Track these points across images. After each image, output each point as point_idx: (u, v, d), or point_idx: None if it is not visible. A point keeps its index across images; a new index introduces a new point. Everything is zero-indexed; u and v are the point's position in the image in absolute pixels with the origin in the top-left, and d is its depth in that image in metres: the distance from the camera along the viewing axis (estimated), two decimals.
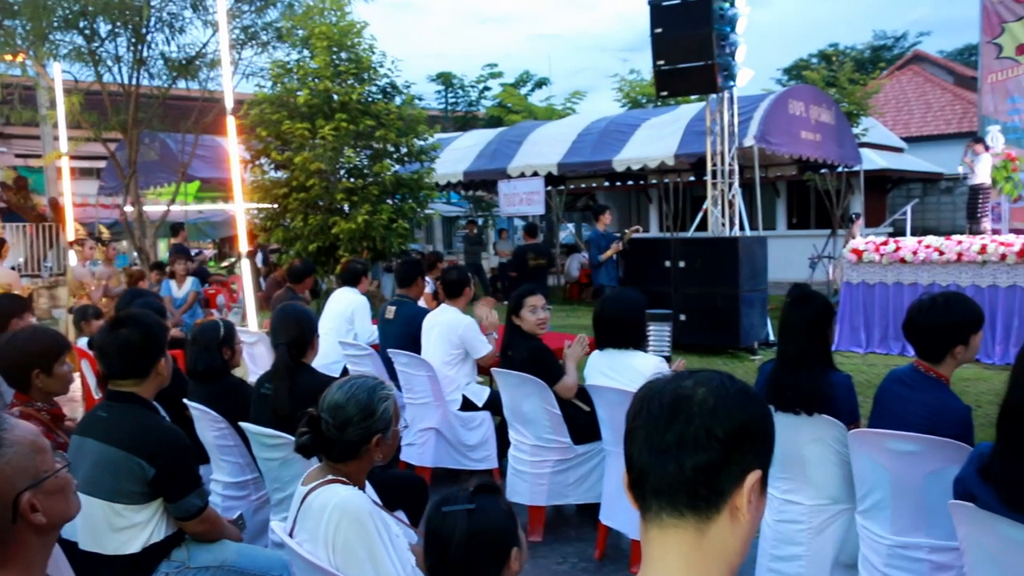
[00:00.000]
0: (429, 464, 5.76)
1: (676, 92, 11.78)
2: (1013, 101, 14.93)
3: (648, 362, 4.24)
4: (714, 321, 10.40)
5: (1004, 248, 9.56)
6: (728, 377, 1.31)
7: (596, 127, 15.89)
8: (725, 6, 11.04)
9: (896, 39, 42.23)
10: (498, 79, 30.59)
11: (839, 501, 3.58)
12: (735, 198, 11.65)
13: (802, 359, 3.59)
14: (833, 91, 18.25)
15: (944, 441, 3.05)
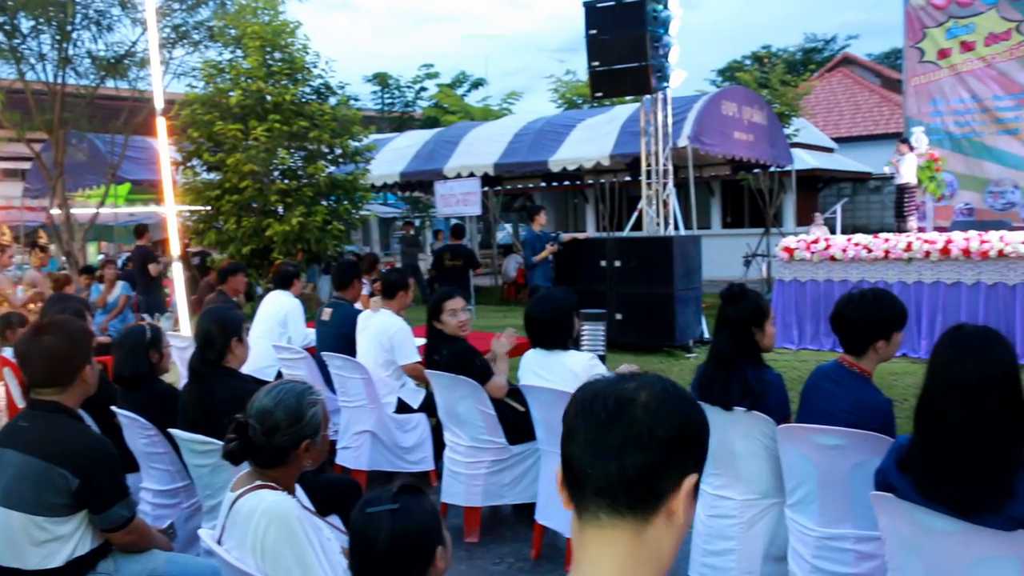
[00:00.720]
0: (365, 467, 5.72)
1: (611, 93, 11.88)
2: (935, 104, 15.33)
3: (580, 360, 4.27)
4: (649, 320, 10.51)
5: (928, 246, 9.82)
6: (669, 382, 1.32)
7: (532, 128, 15.93)
8: (658, 8, 11.16)
9: (826, 42, 43.07)
10: (434, 79, 30.50)
11: (769, 495, 3.64)
12: (669, 198, 11.79)
13: (734, 356, 3.65)
14: (765, 92, 18.55)
15: (867, 434, 3.12)
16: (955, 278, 9.73)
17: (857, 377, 3.36)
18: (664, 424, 1.25)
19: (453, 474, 4.98)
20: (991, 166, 14.93)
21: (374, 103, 31.01)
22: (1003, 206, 14.87)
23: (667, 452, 1.24)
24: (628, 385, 1.29)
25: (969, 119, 15.18)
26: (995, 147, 14.88)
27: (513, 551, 4.78)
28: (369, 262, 9.82)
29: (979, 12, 14.88)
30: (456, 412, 4.91)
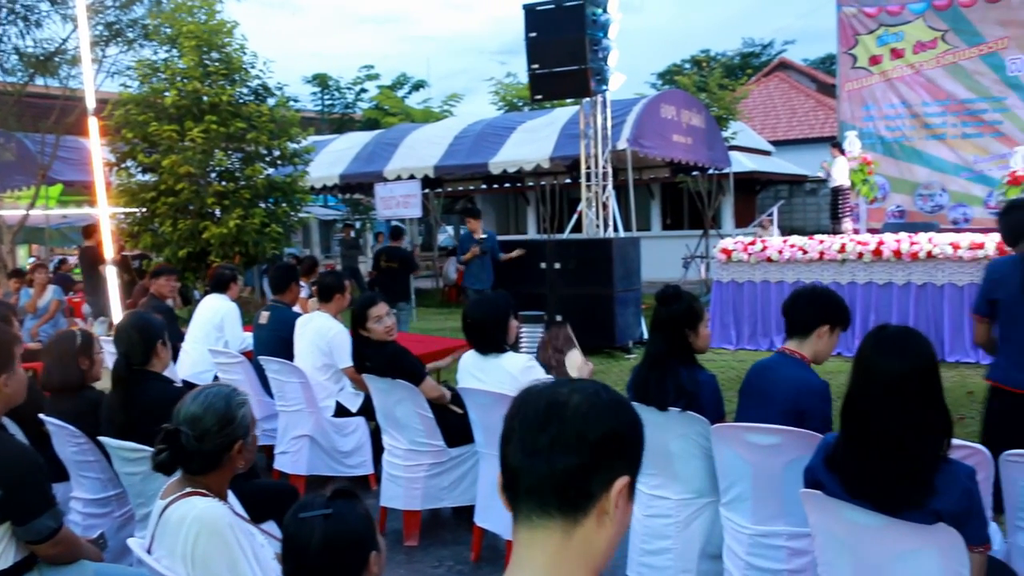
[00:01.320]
0: (303, 472, 5.67)
1: (550, 96, 11.92)
2: (867, 108, 15.66)
3: (517, 363, 4.28)
4: (589, 321, 10.54)
5: (861, 247, 10.04)
6: (603, 387, 1.33)
7: (472, 130, 15.94)
8: (598, 12, 11.23)
9: (763, 47, 43.83)
10: (375, 81, 30.33)
11: (704, 495, 3.69)
12: (609, 200, 11.87)
13: (668, 357, 3.70)
14: (704, 96, 18.80)
15: (800, 432, 3.18)
16: (887, 279, 9.95)
17: (796, 361, 3.46)
18: (594, 427, 1.26)
19: (392, 478, 4.96)
20: (920, 170, 15.30)
21: (314, 104, 30.75)
22: (932, 208, 15.24)
23: (596, 454, 1.25)
24: (562, 389, 1.31)
25: (899, 124, 15.54)
26: (924, 151, 15.25)
27: (453, 554, 4.78)
28: (308, 265, 9.72)
29: (907, 21, 15.24)
30: (394, 415, 4.88)
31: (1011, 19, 14.39)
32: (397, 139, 16.96)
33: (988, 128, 14.77)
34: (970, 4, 14.69)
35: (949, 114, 15.11)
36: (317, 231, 28.87)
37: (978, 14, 14.64)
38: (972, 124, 14.93)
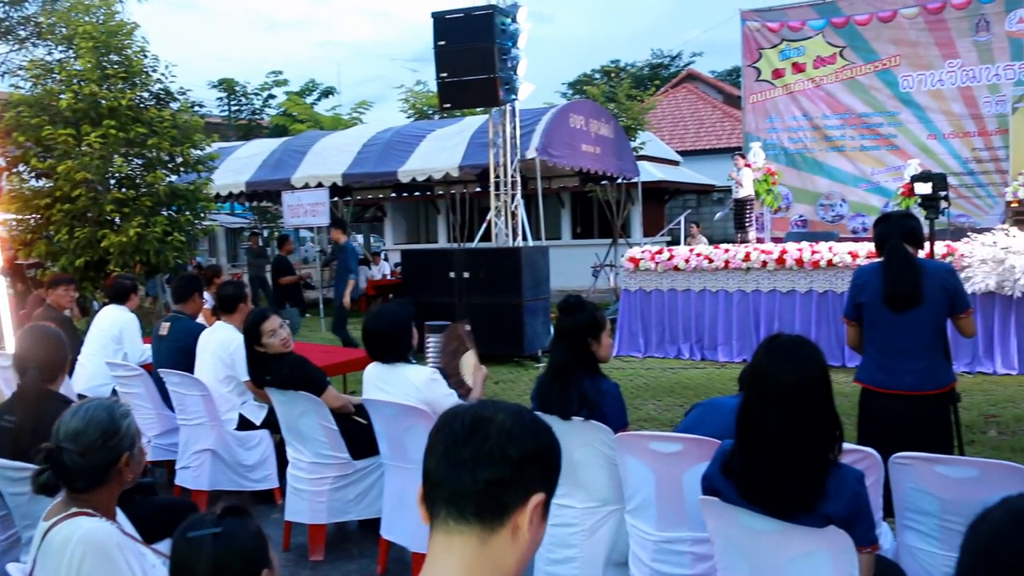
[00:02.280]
0: (206, 487, 5.53)
1: (459, 104, 11.93)
2: (771, 120, 16.10)
3: (421, 374, 4.25)
4: (499, 330, 10.57)
5: (765, 256, 10.29)
6: (527, 410, 1.42)
7: (381, 138, 15.84)
8: (507, 21, 11.29)
9: (672, 58, 44.65)
10: (283, 87, 29.89)
11: (609, 503, 3.71)
12: (518, 209, 11.92)
13: (571, 367, 3.72)
14: (613, 106, 19.04)
15: (701, 439, 3.22)
16: (790, 286, 10.21)
17: None
18: (516, 444, 1.33)
19: (296, 491, 4.87)
20: (822, 180, 15.78)
21: (220, 110, 30.16)
22: (832, 218, 15.73)
23: (516, 470, 1.32)
24: (488, 408, 1.39)
25: (802, 136, 16.01)
26: (825, 163, 15.75)
27: (359, 567, 4.71)
28: (210, 274, 9.51)
29: (808, 36, 15.74)
30: (298, 428, 4.80)
31: (902, 38, 14.99)
32: (305, 146, 16.75)
33: (884, 141, 15.33)
34: (865, 23, 15.24)
35: (848, 127, 15.63)
36: (224, 239, 28.32)
37: (872, 32, 15.21)
38: (869, 137, 15.48)
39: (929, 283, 4.01)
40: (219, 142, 18.35)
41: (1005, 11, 14.25)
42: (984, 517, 1.22)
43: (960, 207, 14.66)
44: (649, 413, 7.94)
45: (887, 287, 4.05)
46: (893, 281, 4.05)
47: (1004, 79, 14.32)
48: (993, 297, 9.28)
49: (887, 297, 4.04)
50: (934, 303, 4.04)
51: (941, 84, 14.81)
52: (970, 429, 7.05)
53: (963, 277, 9.16)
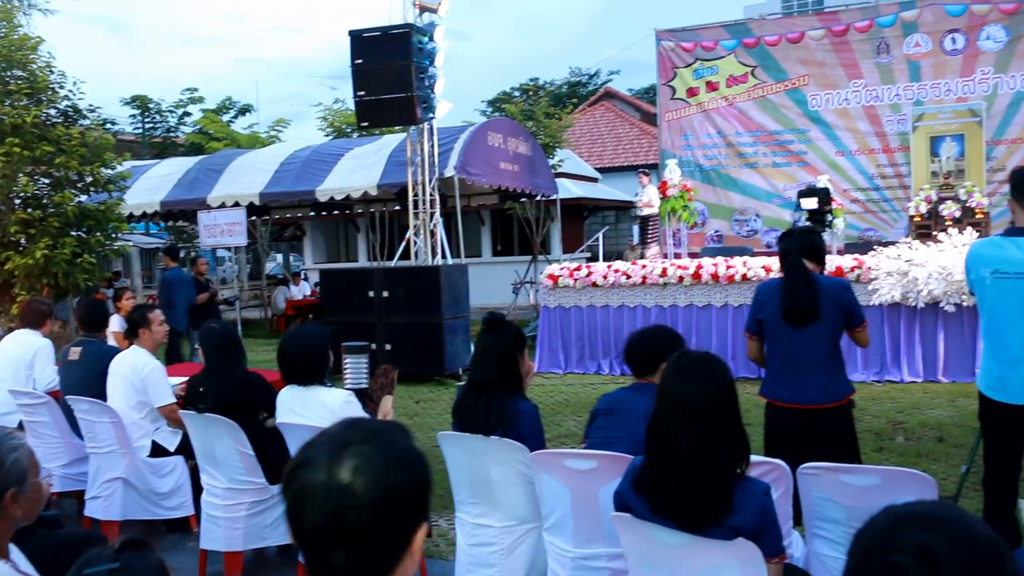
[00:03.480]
0: (117, 517, 5.37)
1: (377, 123, 11.91)
2: (687, 138, 16.40)
3: (337, 397, 4.22)
4: (419, 349, 10.55)
5: (681, 271, 10.47)
6: (386, 444, 1.34)
7: (299, 156, 15.69)
8: (424, 40, 11.32)
9: (590, 76, 45.16)
10: (199, 104, 29.37)
11: (527, 521, 3.72)
12: (437, 227, 11.92)
13: (493, 384, 3.73)
14: (531, 124, 19.19)
15: (616, 456, 3.26)
16: (706, 301, 10.41)
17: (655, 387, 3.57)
18: (373, 496, 1.28)
19: (212, 518, 4.77)
20: (736, 196, 16.11)
21: (133, 127, 29.51)
22: (747, 233, 16.06)
23: (382, 518, 1.28)
24: (342, 472, 1.29)
25: (716, 153, 16.32)
26: (739, 179, 16.08)
27: None
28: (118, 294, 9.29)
29: (721, 56, 16.09)
30: (213, 453, 4.71)
31: (810, 59, 15.44)
32: (221, 165, 16.48)
33: (795, 158, 15.72)
34: (775, 43, 15.65)
35: (760, 144, 15.99)
36: (139, 260, 27.67)
37: (782, 53, 15.63)
38: (781, 154, 15.86)
39: (825, 299, 4.14)
40: (132, 161, 17.94)
41: (903, 35, 14.82)
42: (869, 523, 1.28)
43: (868, 221, 15.15)
44: (570, 429, 7.99)
45: (785, 302, 4.16)
46: (791, 297, 4.16)
47: (904, 99, 14.86)
48: (899, 308, 9.60)
49: (785, 312, 4.16)
50: (830, 318, 4.17)
51: (847, 103, 15.29)
52: (879, 436, 7.28)
53: (870, 289, 9.50)
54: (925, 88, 14.77)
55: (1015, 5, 14.20)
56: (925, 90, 14.77)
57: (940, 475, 6.01)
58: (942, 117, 14.15)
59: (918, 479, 3.09)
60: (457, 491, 3.89)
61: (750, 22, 16.73)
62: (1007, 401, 3.91)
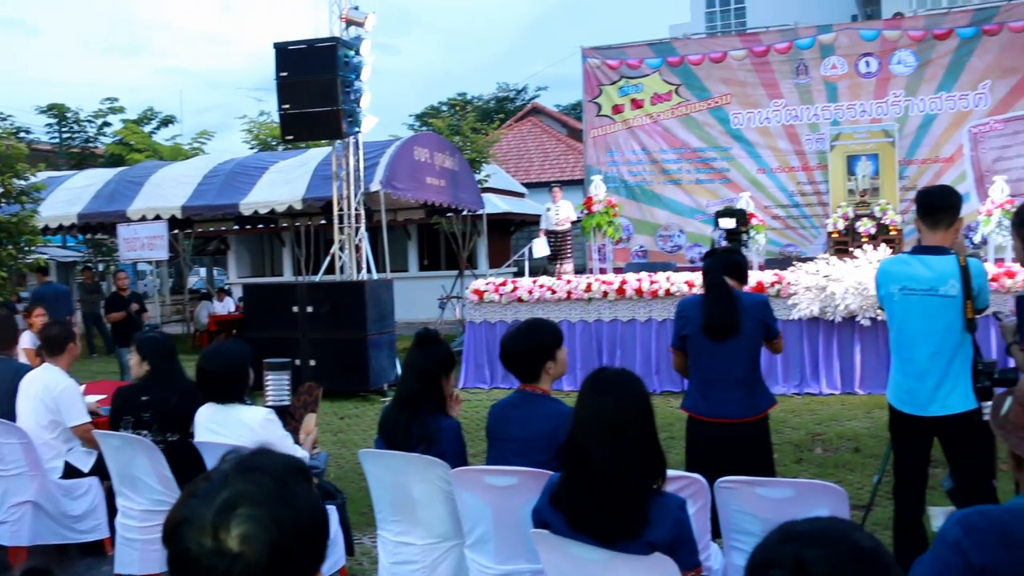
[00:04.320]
0: (25, 543, 5.19)
1: (302, 137, 11.80)
2: (612, 154, 16.58)
3: (256, 415, 4.16)
4: (344, 365, 10.47)
5: (606, 286, 10.57)
6: (279, 506, 1.25)
7: (223, 169, 15.45)
8: (350, 54, 11.28)
9: (518, 92, 45.36)
10: (119, 114, 28.62)
11: (449, 538, 3.71)
12: (362, 242, 11.85)
13: (419, 400, 3.74)
14: (458, 139, 19.22)
15: (536, 472, 3.27)
16: (630, 316, 10.53)
17: (540, 397, 3.59)
18: (259, 556, 1.20)
19: (127, 541, 4.65)
20: (660, 212, 16.34)
21: (50, 137, 28.68)
22: (671, 248, 16.29)
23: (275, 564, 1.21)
24: (222, 537, 1.21)
25: (640, 169, 16.53)
26: (663, 195, 16.31)
27: None
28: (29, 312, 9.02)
29: (646, 74, 16.33)
30: (130, 474, 4.59)
31: (732, 78, 15.78)
32: (142, 177, 16.13)
33: (717, 175, 16.02)
34: (698, 63, 15.96)
35: (684, 161, 16.25)
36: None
37: (705, 72, 15.94)
38: (704, 171, 16.14)
39: (745, 315, 4.24)
40: (48, 171, 17.48)
41: (821, 57, 15.26)
42: (763, 538, 1.32)
43: (788, 237, 15.50)
44: None
45: (706, 318, 4.25)
46: (711, 312, 4.25)
47: (822, 119, 15.29)
48: (817, 322, 9.84)
49: (706, 327, 4.24)
50: (750, 333, 4.27)
51: (768, 122, 15.65)
52: (799, 448, 7.44)
53: (789, 304, 9.72)
54: (842, 109, 15.22)
55: (923, 33, 14.78)
56: (842, 111, 15.22)
57: (856, 485, 6.17)
58: (858, 137, 14.60)
59: (830, 491, 3.18)
60: (379, 509, 3.86)
61: (674, 41, 17.02)
62: (914, 413, 4.03)
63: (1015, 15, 14.37)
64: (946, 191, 4.20)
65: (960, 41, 14.58)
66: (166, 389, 4.74)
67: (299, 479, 1.31)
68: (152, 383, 4.78)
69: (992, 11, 14.74)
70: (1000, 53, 14.39)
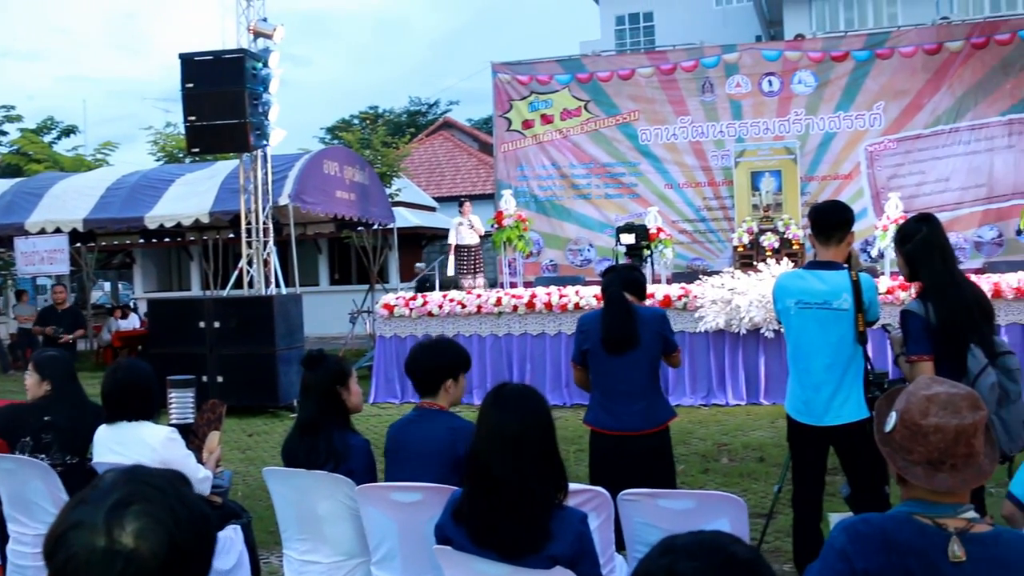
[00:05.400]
0: None
1: (208, 149, 11.62)
2: (522, 169, 16.71)
3: (158, 434, 4.07)
4: (252, 381, 10.32)
5: (516, 300, 10.64)
6: (171, 503, 1.23)
7: (127, 181, 15.05)
8: (258, 66, 11.15)
9: (429, 106, 45.34)
10: (17, 123, 27.63)
11: (355, 555, 3.69)
12: (271, 256, 11.70)
13: (320, 420, 3.72)
14: (368, 152, 19.12)
15: (440, 488, 3.28)
16: (539, 329, 10.62)
17: (438, 412, 3.59)
18: (160, 556, 1.19)
19: (20, 568, 4.49)
20: (570, 226, 16.51)
21: None
22: (581, 263, 16.47)
23: None
24: (120, 540, 1.18)
25: (550, 184, 16.69)
26: (573, 209, 16.49)
27: None
28: None
29: (555, 90, 16.53)
30: (23, 497, 4.44)
31: (640, 95, 16.09)
32: (41, 188, 15.58)
33: (626, 190, 16.27)
34: (607, 79, 16.22)
35: (593, 176, 16.47)
36: None
37: (613, 88, 16.21)
38: (613, 186, 16.38)
39: (644, 328, 4.33)
40: None
41: (725, 76, 15.68)
42: (649, 551, 1.37)
43: (695, 251, 15.84)
44: None
45: (604, 331, 4.33)
46: (609, 326, 4.34)
47: (727, 136, 15.69)
48: (723, 334, 10.07)
49: (605, 340, 4.32)
50: (649, 346, 4.36)
51: (675, 138, 15.97)
52: (705, 458, 7.60)
53: (696, 316, 9.93)
54: (746, 126, 15.65)
55: (821, 54, 15.34)
56: (746, 128, 15.64)
57: (760, 493, 6.32)
58: (761, 154, 15.05)
59: (730, 501, 3.26)
60: (284, 527, 3.82)
61: (583, 58, 17.27)
62: (811, 423, 4.17)
63: (904, 41, 15.06)
64: (837, 207, 4.37)
65: (856, 63, 15.16)
66: (69, 409, 4.60)
67: (186, 484, 1.30)
68: (54, 403, 4.63)
69: (884, 36, 15.42)
70: (892, 76, 15.02)
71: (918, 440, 2.07)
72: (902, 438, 2.11)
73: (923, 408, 2.08)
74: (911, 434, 2.09)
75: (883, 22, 24.07)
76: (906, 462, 2.10)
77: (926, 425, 2.06)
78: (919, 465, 2.08)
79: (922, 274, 3.98)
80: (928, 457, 2.06)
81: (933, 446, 2.05)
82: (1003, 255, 14.30)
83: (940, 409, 2.07)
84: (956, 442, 2.04)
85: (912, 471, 2.09)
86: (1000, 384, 3.74)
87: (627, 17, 31.81)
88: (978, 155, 14.80)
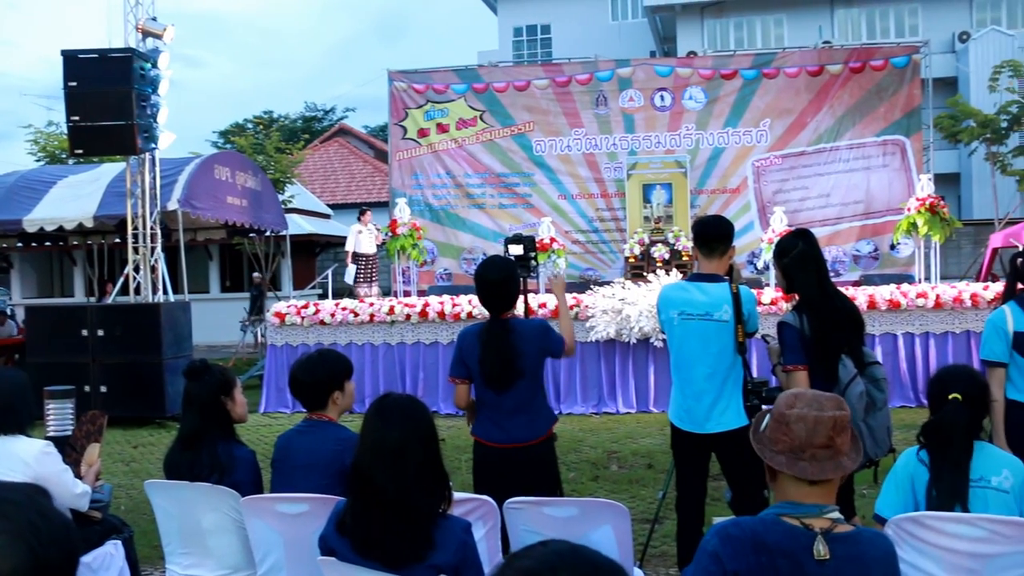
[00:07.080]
0: None
1: (93, 151, 11.26)
2: (417, 177, 16.70)
3: (32, 448, 3.92)
4: (138, 391, 10.04)
5: (409, 309, 10.63)
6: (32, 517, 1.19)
7: (5, 182, 14.42)
8: (147, 66, 10.87)
9: (325, 112, 44.86)
10: None
11: (240, 569, 3.65)
12: (158, 262, 11.41)
13: (203, 432, 3.69)
14: (261, 158, 18.82)
15: (327, 498, 3.27)
16: (433, 338, 10.62)
17: (327, 423, 3.58)
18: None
19: None
20: (464, 235, 16.58)
21: None
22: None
23: None
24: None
25: (445, 193, 16.73)
26: (467, 219, 16.57)
27: None
28: None
29: (451, 100, 16.60)
30: None
31: (535, 107, 16.31)
32: None
33: (520, 200, 16.44)
34: (503, 90, 16.38)
35: (488, 186, 16.58)
36: None
37: (509, 99, 16.37)
38: (507, 195, 16.53)
39: (526, 354, 4.18)
40: None
41: (619, 90, 16.05)
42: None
43: (588, 261, 16.11)
44: None
45: (485, 374, 4.18)
46: (492, 366, 4.16)
47: (620, 148, 16.03)
48: (614, 344, 10.25)
49: (488, 380, 4.18)
50: (532, 371, 4.23)
51: (569, 150, 16.23)
52: (595, 466, 7.71)
53: (587, 326, 10.08)
54: (638, 139, 16.02)
55: (711, 72, 15.85)
56: (638, 141, 16.01)
57: (648, 500, 6.46)
58: (653, 167, 15.41)
59: (613, 508, 3.35)
60: (167, 541, 3.75)
61: (480, 68, 17.37)
62: (693, 430, 4.29)
63: (789, 62, 15.68)
64: (720, 221, 4.51)
65: (744, 82, 15.70)
66: None
67: (46, 497, 1.25)
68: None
69: (771, 56, 16.01)
70: (778, 95, 15.61)
71: (782, 430, 2.24)
72: (771, 431, 2.26)
73: (790, 402, 2.27)
74: (777, 424, 2.26)
75: (771, 43, 25.05)
76: (772, 452, 2.24)
77: (790, 414, 2.23)
78: (783, 454, 2.24)
79: (797, 287, 4.16)
80: (791, 446, 2.22)
81: (795, 434, 2.21)
82: (879, 268, 15.01)
83: (804, 404, 2.25)
84: (815, 432, 2.20)
85: (776, 459, 2.25)
86: (868, 393, 3.95)
87: (525, 29, 32.15)
88: (856, 173, 15.51)
